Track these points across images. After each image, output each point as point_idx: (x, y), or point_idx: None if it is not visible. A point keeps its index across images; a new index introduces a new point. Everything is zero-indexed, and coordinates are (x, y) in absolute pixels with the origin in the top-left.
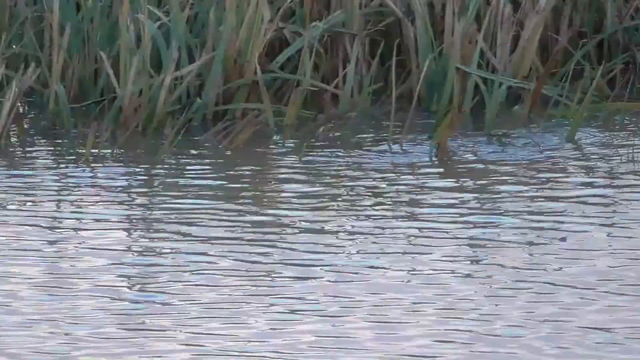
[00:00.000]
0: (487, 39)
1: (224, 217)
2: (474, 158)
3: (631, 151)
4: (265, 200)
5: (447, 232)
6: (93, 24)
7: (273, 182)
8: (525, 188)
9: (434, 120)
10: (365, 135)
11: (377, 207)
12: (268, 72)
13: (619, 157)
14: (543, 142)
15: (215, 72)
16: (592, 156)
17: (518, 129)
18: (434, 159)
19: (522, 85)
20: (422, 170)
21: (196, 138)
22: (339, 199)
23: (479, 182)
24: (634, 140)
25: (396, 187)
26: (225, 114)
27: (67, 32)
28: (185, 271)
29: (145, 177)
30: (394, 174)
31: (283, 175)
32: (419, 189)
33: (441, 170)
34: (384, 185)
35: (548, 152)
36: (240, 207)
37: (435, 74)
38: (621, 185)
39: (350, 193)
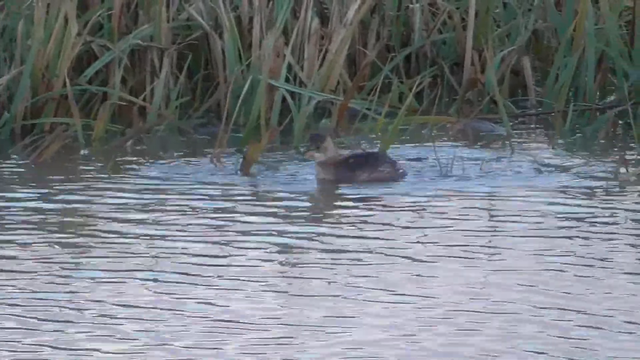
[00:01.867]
0: (295, 52)
1: (35, 233)
2: (281, 173)
3: (445, 163)
4: (74, 212)
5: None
6: None
7: (82, 194)
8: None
9: (242, 135)
10: (172, 149)
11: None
12: (77, 85)
13: (432, 171)
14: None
15: (23, 85)
16: (406, 168)
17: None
18: (239, 172)
19: (330, 99)
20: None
21: (4, 152)
22: (148, 210)
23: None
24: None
25: (201, 200)
26: (34, 128)
27: None
28: None
29: None
30: (200, 187)
31: (93, 190)
32: (226, 199)
33: (248, 181)
34: (190, 197)
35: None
36: (48, 219)
37: (243, 87)
38: (432, 196)
39: (158, 206)
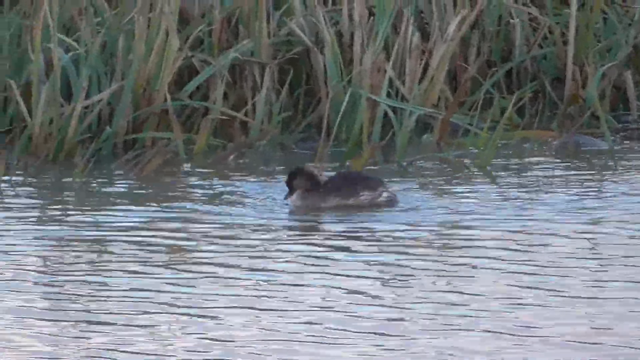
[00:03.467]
0: (396, 68)
1: (136, 248)
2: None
3: (547, 178)
4: (178, 227)
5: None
6: (2, 52)
7: (183, 209)
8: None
9: (344, 149)
10: (275, 164)
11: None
12: (177, 100)
13: (532, 185)
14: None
15: (125, 100)
16: (504, 182)
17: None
18: None
19: (431, 114)
20: None
21: (107, 166)
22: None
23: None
24: (543, 167)
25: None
26: (135, 143)
27: None
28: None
29: (56, 206)
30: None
31: (193, 203)
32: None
33: None
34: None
35: (459, 179)
36: (152, 236)
37: (344, 102)
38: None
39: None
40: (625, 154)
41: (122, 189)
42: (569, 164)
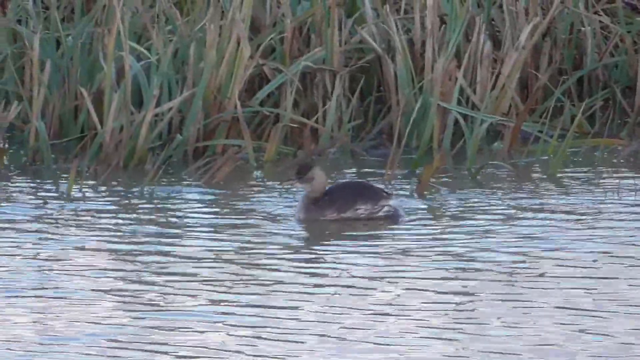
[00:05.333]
0: (467, 75)
1: (208, 256)
2: (455, 194)
3: (616, 187)
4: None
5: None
6: (73, 60)
7: (253, 216)
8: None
9: (414, 156)
10: (345, 171)
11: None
12: (248, 107)
13: (602, 193)
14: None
15: (196, 108)
16: (573, 190)
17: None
18: (414, 193)
19: (502, 121)
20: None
21: (177, 174)
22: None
23: (459, 215)
24: (614, 175)
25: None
26: (206, 150)
27: (48, 69)
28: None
29: (127, 213)
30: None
31: (264, 210)
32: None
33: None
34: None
35: (529, 187)
36: (224, 243)
37: (415, 110)
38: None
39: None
40: None
41: (192, 197)
42: (638, 172)
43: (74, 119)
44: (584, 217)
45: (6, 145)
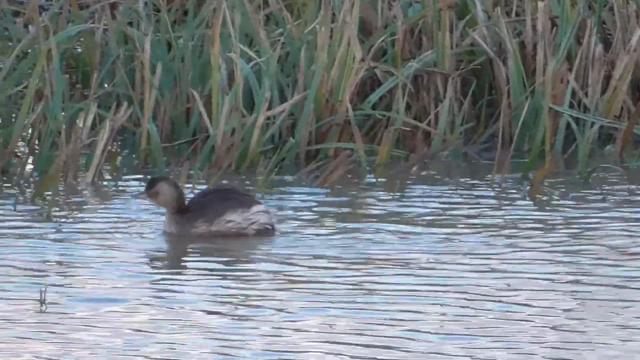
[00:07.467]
0: (578, 78)
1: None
2: (567, 198)
3: None
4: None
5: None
6: (184, 63)
7: (363, 220)
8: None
9: (527, 160)
10: (458, 175)
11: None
12: (360, 111)
13: None
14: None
15: (307, 111)
16: None
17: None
18: (527, 197)
19: (614, 124)
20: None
21: (289, 177)
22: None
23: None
24: None
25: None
26: (318, 153)
27: (159, 71)
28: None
29: None
30: (487, 209)
31: (377, 216)
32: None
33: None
34: (487, 222)
35: None
36: (338, 249)
37: (526, 113)
38: None
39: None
40: None
41: (305, 200)
42: None
43: (185, 122)
44: None
45: (118, 148)
